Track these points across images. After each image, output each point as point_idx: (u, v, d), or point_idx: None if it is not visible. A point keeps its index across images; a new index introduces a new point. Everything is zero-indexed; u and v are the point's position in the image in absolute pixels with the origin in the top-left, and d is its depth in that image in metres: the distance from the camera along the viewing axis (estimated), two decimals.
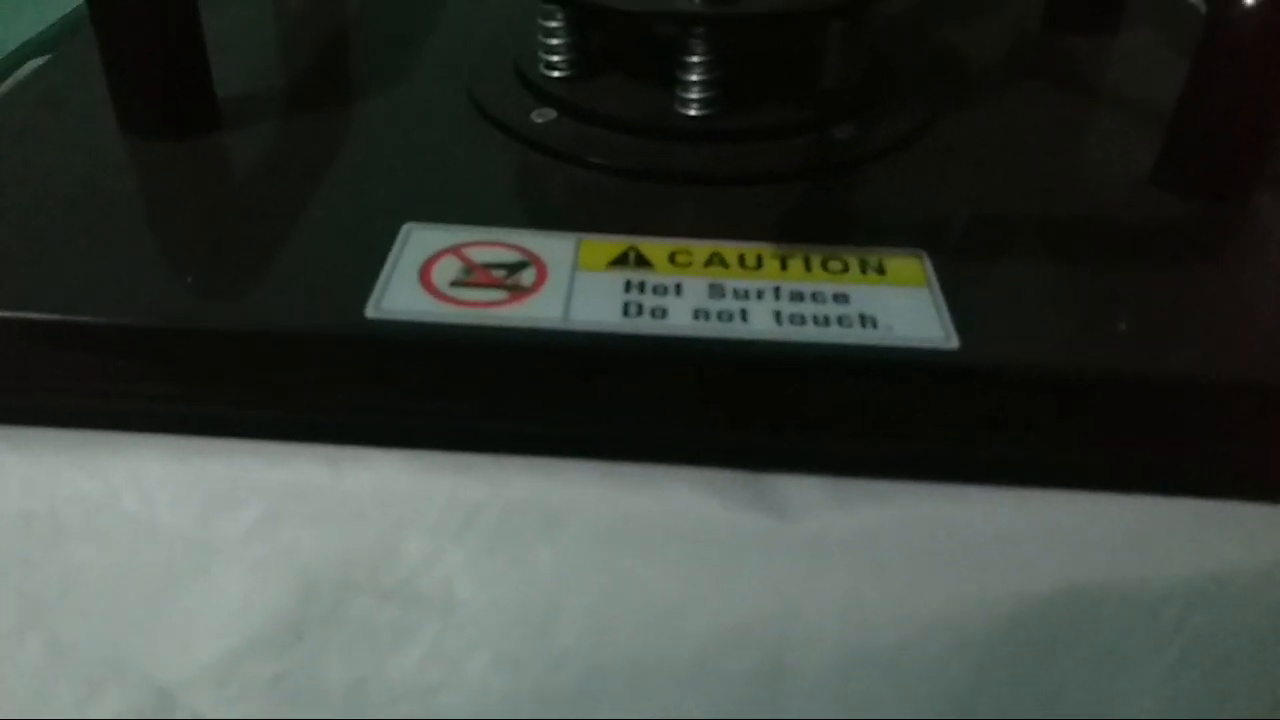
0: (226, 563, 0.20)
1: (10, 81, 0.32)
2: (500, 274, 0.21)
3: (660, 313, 0.20)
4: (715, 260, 0.21)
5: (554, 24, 0.26)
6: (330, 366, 0.20)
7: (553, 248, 0.21)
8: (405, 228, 0.22)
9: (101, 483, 0.20)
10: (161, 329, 0.20)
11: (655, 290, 0.20)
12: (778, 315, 0.20)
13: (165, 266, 0.21)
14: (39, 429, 0.21)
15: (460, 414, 0.20)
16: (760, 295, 0.20)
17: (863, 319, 0.20)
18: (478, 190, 0.24)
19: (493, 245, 0.21)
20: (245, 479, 0.20)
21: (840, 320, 0.20)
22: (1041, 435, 0.20)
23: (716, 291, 0.20)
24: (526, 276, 0.20)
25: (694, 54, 0.25)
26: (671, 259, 0.21)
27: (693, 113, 0.25)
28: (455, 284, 0.20)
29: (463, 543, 0.20)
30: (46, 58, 0.31)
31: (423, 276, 0.20)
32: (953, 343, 0.19)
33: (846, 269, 0.21)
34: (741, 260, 0.21)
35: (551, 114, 0.26)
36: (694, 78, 0.25)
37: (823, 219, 0.23)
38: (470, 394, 0.20)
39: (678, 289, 0.20)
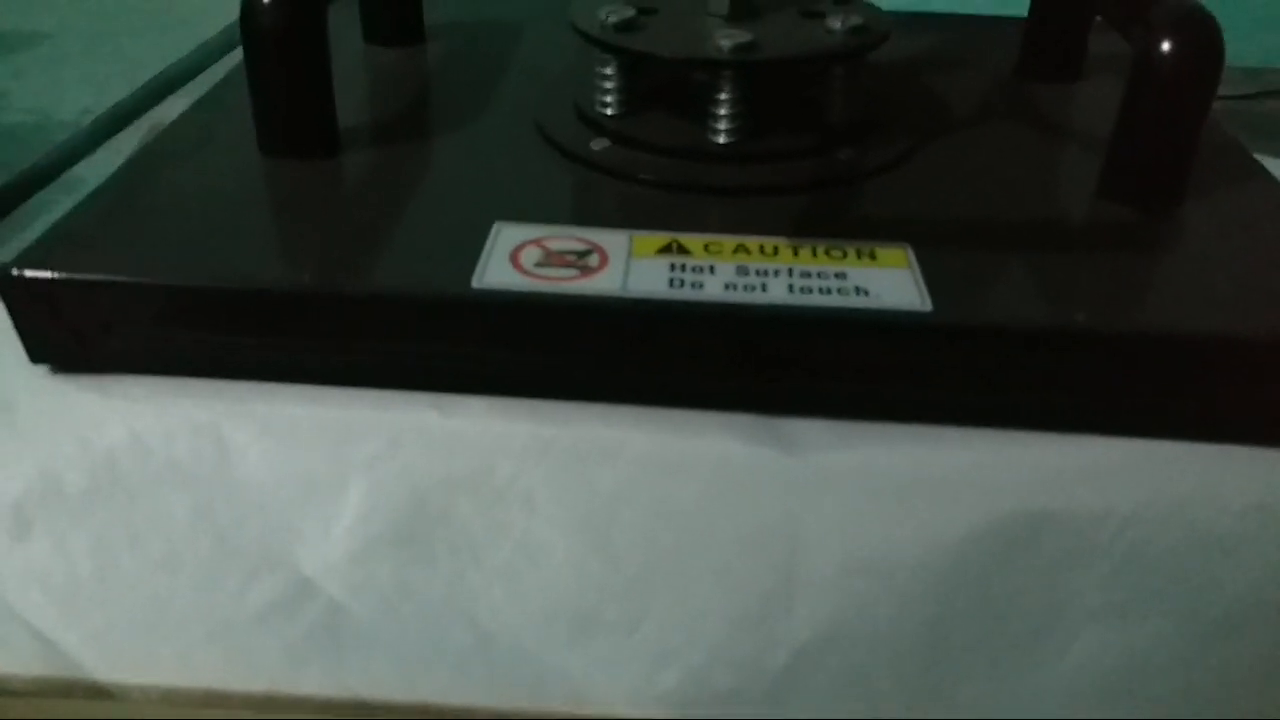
0: (355, 481, 0.25)
1: (154, 116, 0.38)
2: (571, 258, 0.26)
3: (698, 285, 0.25)
4: (740, 249, 0.27)
5: (608, 70, 0.32)
6: (442, 325, 0.25)
7: (611, 240, 0.27)
8: (496, 225, 0.27)
9: (257, 419, 0.26)
10: (308, 294, 0.25)
11: (693, 270, 0.26)
12: (791, 287, 0.25)
13: (305, 249, 0.27)
14: (210, 380, 0.26)
15: (540, 365, 0.25)
16: (777, 274, 0.26)
17: (857, 290, 0.25)
18: (549, 200, 0.30)
19: (564, 239, 0.27)
20: (369, 418, 0.26)
21: (839, 291, 0.25)
22: (1000, 382, 0.25)
23: (742, 271, 0.26)
24: (592, 260, 0.26)
25: (722, 92, 0.31)
26: (706, 248, 0.27)
27: (721, 140, 0.31)
28: (538, 264, 0.26)
29: (540, 467, 0.25)
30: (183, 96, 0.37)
31: (513, 259, 0.26)
32: (927, 306, 0.24)
33: (845, 255, 0.27)
34: (761, 249, 0.27)
35: (606, 142, 0.32)
36: (722, 111, 0.31)
37: (826, 221, 0.29)
38: (548, 348, 0.25)
39: (711, 269, 0.26)
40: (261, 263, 0.27)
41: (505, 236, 0.27)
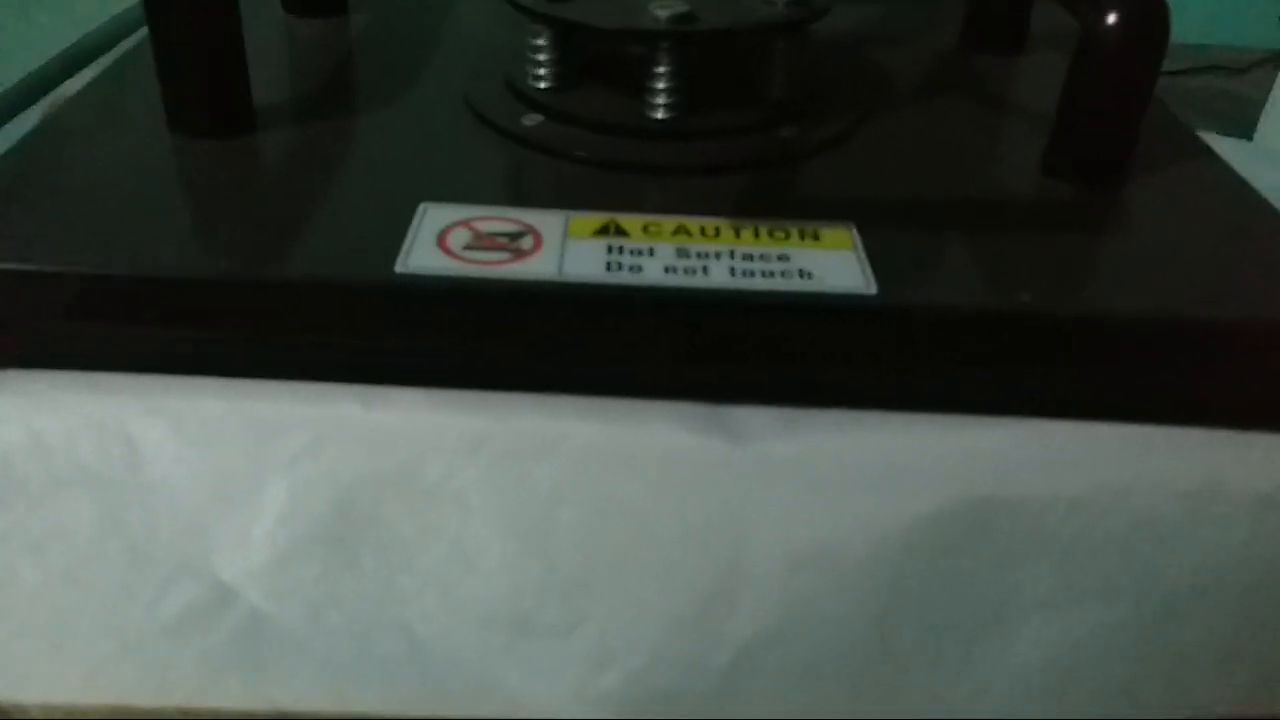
0: (276, 480, 0.24)
1: (56, 92, 0.36)
2: (504, 240, 0.25)
3: (636, 269, 0.24)
4: (681, 231, 0.26)
5: (540, 41, 0.31)
6: (364, 314, 0.24)
7: (546, 221, 0.26)
8: (422, 206, 0.26)
9: (169, 415, 0.24)
10: (221, 282, 0.24)
11: (632, 252, 0.25)
12: (732, 270, 0.24)
13: (220, 234, 0.25)
14: (113, 374, 0.24)
15: (471, 354, 0.24)
16: (718, 256, 0.25)
17: (801, 273, 0.24)
18: (479, 179, 0.29)
19: (496, 219, 0.26)
20: (291, 413, 0.24)
21: (783, 274, 0.24)
22: (945, 366, 0.24)
23: (682, 253, 0.25)
24: (526, 242, 0.25)
25: (659, 65, 0.29)
26: (645, 229, 0.26)
27: (659, 116, 0.30)
28: (467, 248, 0.24)
29: (474, 463, 0.24)
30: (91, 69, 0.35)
31: (440, 242, 0.25)
32: (872, 289, 0.24)
33: (788, 236, 0.26)
34: (702, 230, 0.26)
35: (539, 118, 0.30)
36: (660, 86, 0.30)
37: (769, 201, 0.28)
38: (480, 336, 0.24)
39: (650, 251, 0.25)
40: (171, 249, 0.25)
41: (432, 218, 0.25)
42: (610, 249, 0.25)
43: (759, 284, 0.24)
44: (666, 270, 0.24)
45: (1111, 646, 0.25)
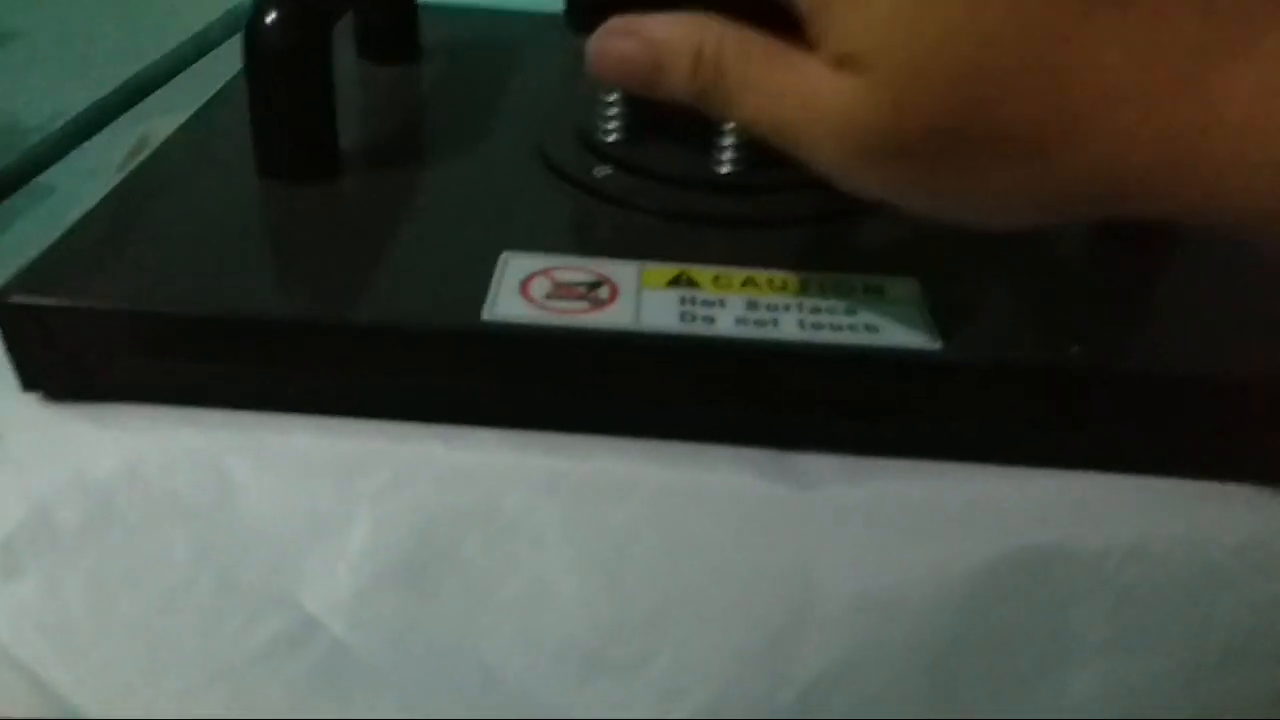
0: (360, 515, 0.25)
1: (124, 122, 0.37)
2: (582, 289, 0.26)
3: (709, 320, 0.25)
4: (749, 283, 0.27)
5: (611, 97, 0.32)
6: (451, 358, 0.25)
7: (621, 271, 0.27)
8: (503, 255, 0.27)
9: (260, 450, 0.25)
10: (312, 323, 0.25)
11: (704, 304, 0.26)
12: (801, 323, 0.25)
13: (309, 277, 0.27)
14: (210, 410, 0.26)
15: (551, 398, 0.25)
16: (787, 308, 0.26)
17: (867, 326, 0.25)
18: (553, 228, 0.30)
19: (574, 269, 0.27)
20: (374, 450, 0.25)
21: (850, 327, 0.25)
22: (1006, 419, 0.25)
23: (752, 305, 0.26)
24: (603, 292, 0.26)
25: (726, 122, 0.31)
26: (715, 281, 0.27)
27: (725, 169, 0.31)
28: (549, 296, 0.26)
29: (550, 502, 0.25)
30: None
31: (522, 290, 0.26)
32: (936, 344, 0.25)
33: (853, 290, 0.27)
34: (770, 282, 0.27)
35: (609, 170, 0.32)
36: (726, 141, 0.31)
37: (832, 253, 0.29)
38: (560, 382, 0.25)
39: (722, 303, 0.26)
40: (264, 290, 0.26)
41: (514, 267, 0.27)
42: (683, 300, 0.26)
43: (827, 336, 0.25)
44: (738, 322, 0.25)
45: (1166, 694, 0.25)
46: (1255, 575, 0.25)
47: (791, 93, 0.22)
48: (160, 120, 0.39)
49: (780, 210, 0.30)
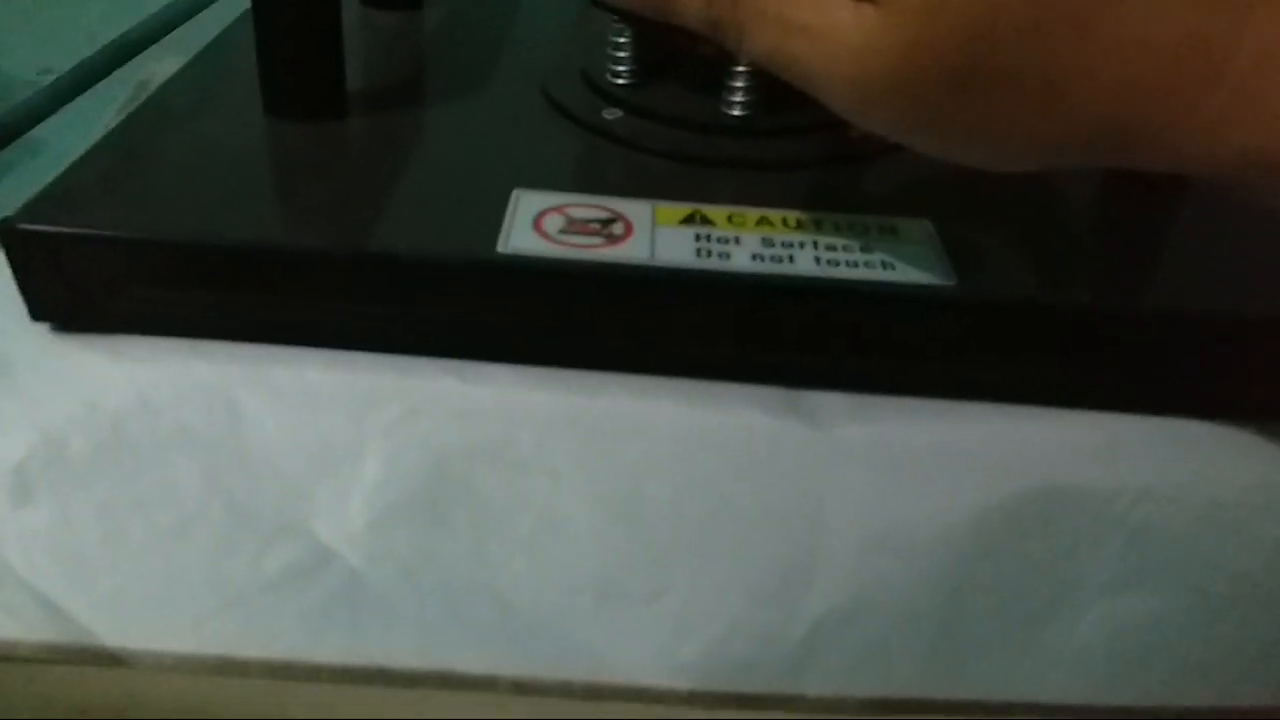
0: (373, 448, 0.25)
1: (138, 78, 0.37)
2: (596, 225, 0.26)
3: (724, 256, 0.25)
4: (764, 222, 0.27)
5: (621, 39, 0.32)
6: (466, 291, 0.25)
7: (634, 209, 0.27)
8: (515, 192, 0.27)
9: (271, 383, 0.25)
10: (326, 254, 0.25)
11: (719, 240, 0.26)
12: (817, 259, 0.25)
13: (322, 209, 0.26)
14: (220, 342, 0.26)
15: (565, 333, 0.25)
16: (802, 246, 0.26)
17: (883, 264, 0.25)
18: (565, 169, 0.30)
19: (587, 206, 0.27)
20: (388, 384, 0.25)
21: (866, 264, 0.25)
22: (1020, 357, 0.25)
23: (768, 242, 0.26)
24: (617, 228, 0.26)
25: (738, 64, 0.30)
26: (729, 219, 0.27)
27: (736, 113, 0.31)
28: (563, 231, 0.25)
29: (564, 437, 0.25)
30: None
31: (536, 225, 0.26)
32: (952, 282, 0.25)
33: (868, 230, 0.27)
34: (784, 222, 0.27)
35: (619, 113, 0.31)
36: (738, 84, 0.31)
37: (844, 196, 0.29)
38: (575, 316, 0.25)
39: (737, 240, 0.26)
40: (275, 220, 0.26)
41: (526, 203, 0.26)
42: (698, 236, 0.26)
43: (844, 272, 0.25)
44: (754, 258, 0.25)
45: (1172, 634, 0.26)
46: (1262, 517, 0.25)
47: (806, 26, 0.22)
48: (161, 64, 0.38)
49: (792, 154, 0.30)
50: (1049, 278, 0.26)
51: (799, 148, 0.30)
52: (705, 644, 0.25)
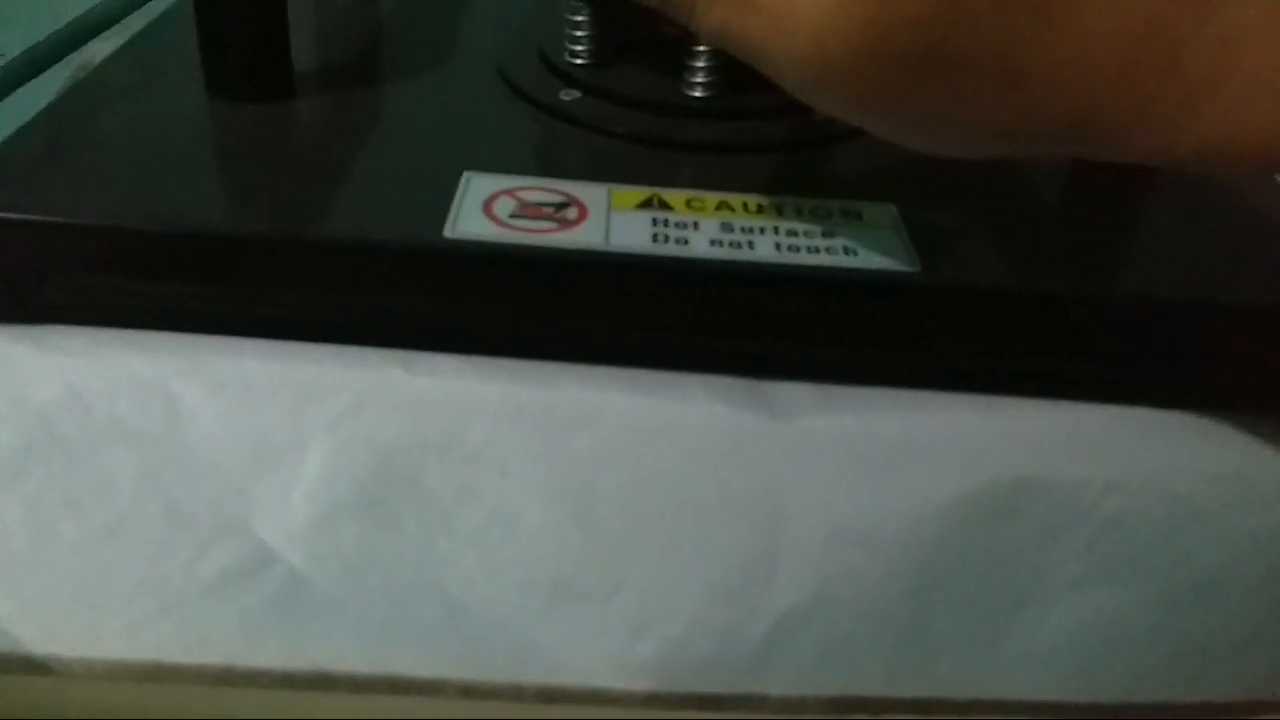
0: (316, 442, 0.24)
1: (82, 55, 0.36)
2: (548, 209, 0.25)
3: (682, 242, 0.24)
4: (724, 206, 0.26)
5: (579, 18, 0.31)
6: (411, 277, 0.24)
7: (589, 193, 0.26)
8: (465, 175, 0.26)
9: (210, 375, 0.24)
10: (265, 239, 0.23)
11: (677, 225, 0.25)
12: (778, 245, 0.24)
13: (263, 193, 0.25)
14: (155, 332, 0.24)
15: (516, 322, 0.24)
16: (762, 231, 0.25)
17: (845, 249, 0.24)
18: (517, 151, 0.29)
19: (540, 189, 0.26)
20: (331, 375, 0.24)
21: (828, 250, 0.24)
22: (985, 346, 0.25)
23: (727, 228, 0.25)
24: (570, 213, 0.25)
25: (700, 44, 0.29)
26: (688, 204, 0.26)
27: (698, 94, 0.30)
28: (514, 216, 0.24)
29: (514, 430, 0.24)
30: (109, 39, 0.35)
31: (486, 209, 0.25)
32: (916, 267, 0.24)
33: (830, 214, 0.26)
34: (745, 206, 0.26)
35: (577, 94, 0.30)
36: (700, 64, 0.30)
37: (807, 180, 0.28)
38: (526, 303, 0.24)
39: (695, 225, 0.25)
40: (214, 206, 0.25)
41: (475, 186, 0.25)
42: (655, 221, 0.25)
43: (805, 259, 0.24)
44: (712, 243, 0.24)
45: (1140, 628, 0.25)
46: (1231, 509, 0.25)
47: (760, 3, 0.21)
48: (100, 46, 0.37)
49: (754, 137, 0.29)
50: (1015, 264, 0.25)
51: (762, 130, 0.29)
52: (663, 643, 0.24)
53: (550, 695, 0.23)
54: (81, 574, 0.23)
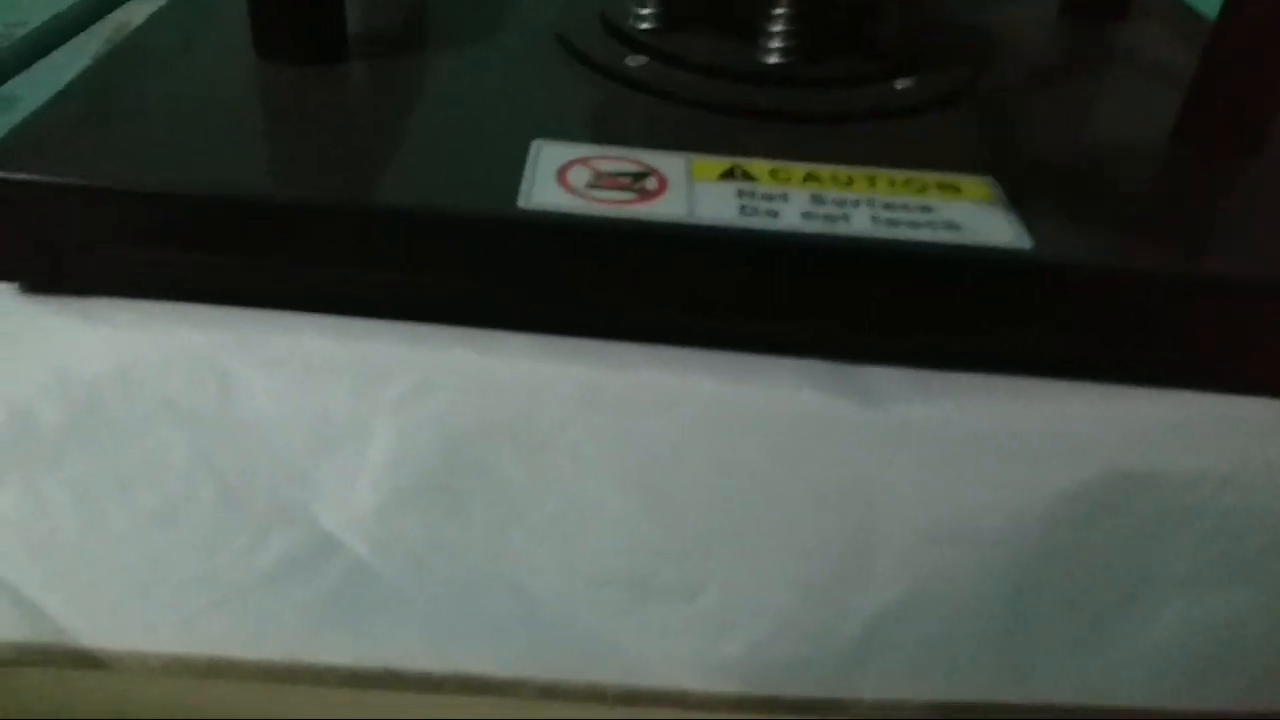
0: (381, 425, 0.22)
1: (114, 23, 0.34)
2: (626, 180, 0.23)
3: (772, 214, 0.23)
4: (811, 178, 0.24)
5: None
6: (483, 250, 0.22)
7: (667, 162, 0.24)
8: (535, 143, 0.24)
9: (266, 352, 0.22)
10: (327, 208, 0.22)
11: (764, 197, 0.23)
12: (875, 219, 0.23)
13: (322, 159, 0.23)
14: (208, 306, 0.23)
15: (595, 300, 0.23)
16: (856, 204, 0.23)
17: (947, 224, 0.23)
18: (585, 120, 0.27)
19: (614, 159, 0.24)
20: (396, 354, 0.23)
21: (929, 224, 0.23)
22: (1097, 328, 0.23)
23: (818, 200, 0.23)
24: (650, 183, 0.23)
25: (778, 8, 0.28)
26: (773, 174, 0.24)
27: (773, 60, 0.28)
28: (590, 186, 0.23)
29: (588, 415, 0.22)
30: None
31: (560, 179, 0.23)
32: (1026, 243, 0.22)
33: (925, 188, 0.24)
34: (834, 178, 0.24)
35: (643, 59, 0.29)
36: (776, 29, 0.28)
37: (895, 151, 0.26)
38: (606, 280, 0.22)
39: (784, 197, 0.23)
40: (268, 172, 0.23)
41: (547, 155, 0.24)
42: (740, 193, 0.23)
43: (905, 234, 0.22)
44: (805, 216, 0.22)
45: (1254, 632, 0.24)
46: None
47: None
48: (140, 5, 0.35)
49: (836, 105, 0.27)
50: (1130, 239, 0.23)
51: (844, 99, 0.28)
52: (749, 643, 0.22)
53: (631, 697, 0.22)
54: (132, 563, 0.21)
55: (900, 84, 0.29)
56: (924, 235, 0.22)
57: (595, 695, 0.22)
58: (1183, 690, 0.24)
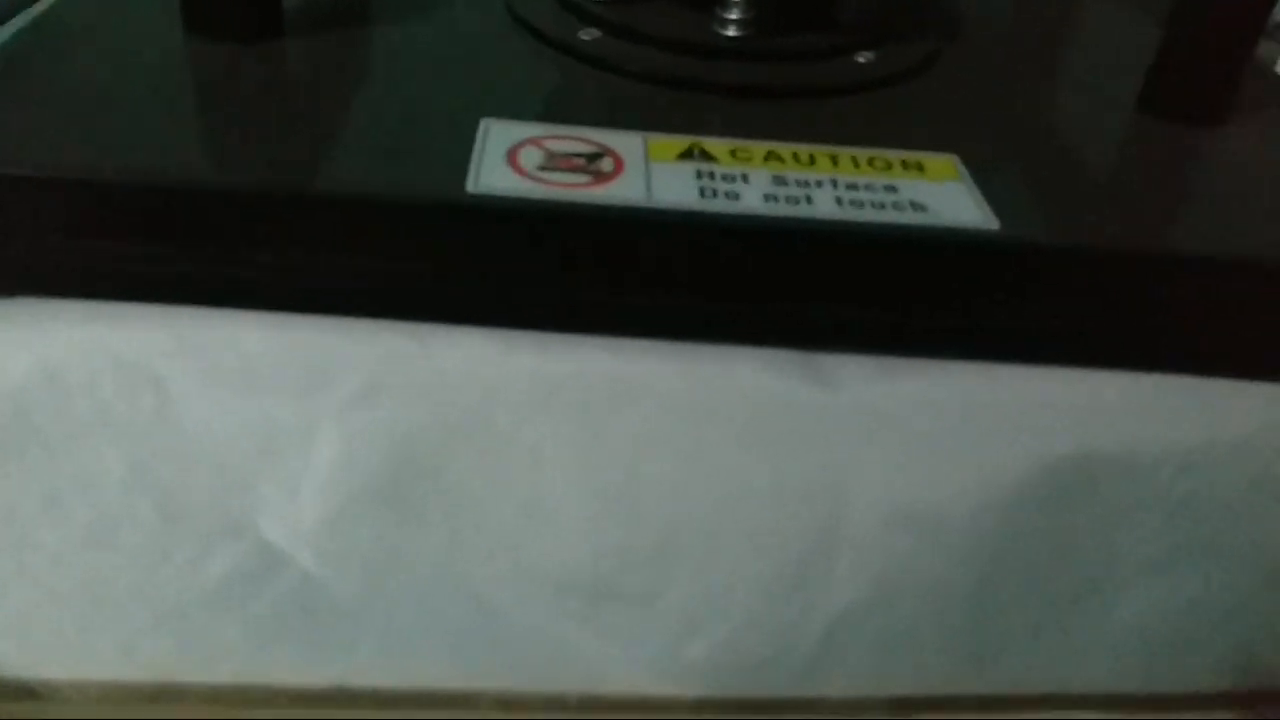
0: (326, 430, 0.21)
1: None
2: (580, 161, 0.22)
3: (733, 196, 0.22)
4: (772, 157, 0.23)
5: None
6: (428, 238, 0.21)
7: (623, 142, 0.23)
8: (484, 122, 0.23)
9: (202, 353, 0.21)
10: (257, 194, 0.21)
11: (724, 178, 0.22)
12: (839, 200, 0.22)
13: (256, 143, 0.22)
14: (143, 306, 0.22)
15: (549, 290, 0.22)
16: (819, 185, 0.22)
17: (913, 205, 0.22)
18: (537, 96, 0.26)
19: (567, 139, 0.23)
20: (341, 353, 0.21)
21: (894, 205, 0.22)
22: (1062, 309, 0.22)
23: (779, 181, 0.22)
24: (605, 164, 0.22)
25: None
26: (733, 154, 0.23)
27: (730, 33, 0.27)
28: (542, 168, 0.22)
29: (549, 411, 0.21)
30: None
31: (510, 161, 0.22)
32: (994, 225, 0.21)
33: (890, 167, 0.23)
34: (796, 157, 0.23)
35: (597, 33, 0.28)
36: (734, 1, 0.27)
37: (858, 128, 0.25)
38: (560, 269, 0.21)
39: (744, 178, 0.22)
40: (199, 157, 0.22)
41: (496, 134, 0.23)
42: (699, 174, 0.22)
43: (871, 215, 0.21)
44: (766, 199, 0.22)
45: (1216, 613, 0.24)
46: None
47: None
48: None
49: (796, 80, 0.26)
50: (1097, 219, 0.23)
51: (804, 74, 0.27)
52: (713, 644, 0.22)
53: (593, 704, 0.21)
54: (66, 585, 0.20)
55: (862, 57, 0.28)
56: (890, 217, 0.21)
57: (556, 703, 0.21)
58: (1146, 674, 0.23)
